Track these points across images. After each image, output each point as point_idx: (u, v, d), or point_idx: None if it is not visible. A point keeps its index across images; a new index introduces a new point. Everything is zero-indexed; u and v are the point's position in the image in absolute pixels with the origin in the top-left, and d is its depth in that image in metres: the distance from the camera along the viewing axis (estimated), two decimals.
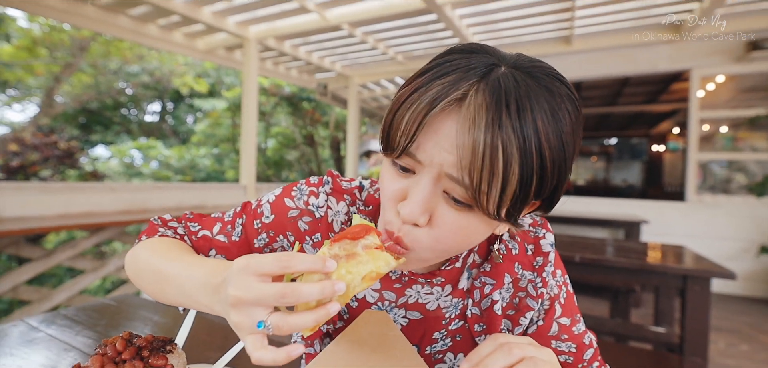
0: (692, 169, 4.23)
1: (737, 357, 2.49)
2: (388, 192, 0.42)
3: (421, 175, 0.39)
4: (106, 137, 8.58)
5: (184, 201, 3.67)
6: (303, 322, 0.33)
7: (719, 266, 1.53)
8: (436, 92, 0.36)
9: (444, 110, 0.36)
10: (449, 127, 0.36)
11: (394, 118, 0.39)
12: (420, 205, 0.38)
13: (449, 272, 0.51)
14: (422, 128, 0.37)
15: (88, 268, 2.93)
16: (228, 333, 0.77)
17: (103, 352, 0.37)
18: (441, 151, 0.37)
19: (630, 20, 3.81)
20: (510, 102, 0.35)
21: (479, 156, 0.35)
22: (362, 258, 0.36)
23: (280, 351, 0.33)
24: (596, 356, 0.56)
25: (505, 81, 0.36)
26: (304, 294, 0.33)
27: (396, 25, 4.09)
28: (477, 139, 0.35)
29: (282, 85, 8.71)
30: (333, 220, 0.53)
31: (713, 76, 4.19)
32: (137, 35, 3.86)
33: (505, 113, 0.35)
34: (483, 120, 0.35)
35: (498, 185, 0.35)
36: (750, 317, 3.26)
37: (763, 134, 4.23)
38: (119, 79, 8.23)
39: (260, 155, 8.95)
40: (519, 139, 0.35)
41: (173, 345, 0.41)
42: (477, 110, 0.35)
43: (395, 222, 0.41)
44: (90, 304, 0.88)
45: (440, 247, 0.41)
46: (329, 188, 0.54)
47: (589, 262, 1.71)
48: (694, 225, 4.14)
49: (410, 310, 0.53)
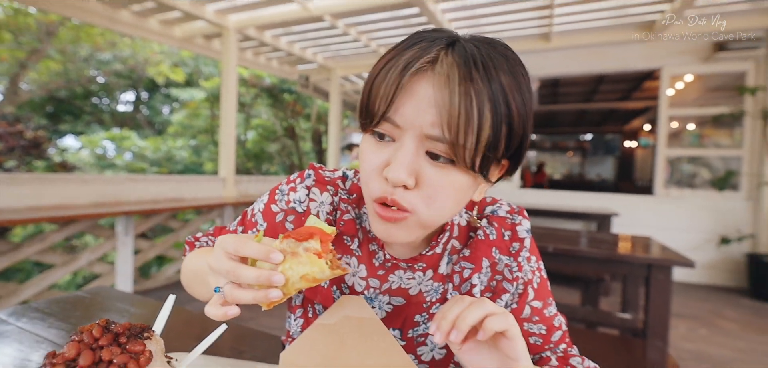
0: (661, 164, 4.42)
1: (696, 340, 2.64)
2: (371, 164, 0.44)
3: (402, 139, 0.42)
4: (76, 126, 8.24)
5: (161, 193, 3.59)
6: (243, 297, 0.38)
7: (680, 256, 1.62)
8: (408, 56, 0.40)
9: (418, 72, 0.40)
10: (425, 88, 0.40)
11: (371, 88, 0.42)
12: (405, 166, 0.41)
13: (430, 257, 0.54)
14: (400, 92, 0.40)
15: (57, 262, 2.84)
16: (205, 323, 0.78)
17: (79, 339, 0.38)
18: (419, 112, 0.40)
19: (606, 19, 3.92)
20: (477, 62, 0.39)
21: (455, 108, 0.38)
22: (302, 259, 0.39)
23: (219, 310, 0.39)
24: (564, 338, 0.59)
25: (470, 47, 0.41)
26: (242, 275, 0.38)
27: (378, 18, 4.08)
28: (452, 91, 0.38)
29: (262, 76, 8.56)
30: (318, 211, 0.55)
31: (682, 75, 4.37)
32: (109, 21, 3.71)
33: (474, 70, 0.39)
34: (456, 76, 0.39)
35: (473, 135, 0.39)
36: (710, 303, 3.46)
37: (727, 131, 4.45)
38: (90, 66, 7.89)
39: (240, 147, 8.79)
40: (489, 91, 0.39)
41: (151, 332, 0.42)
42: (449, 68, 0.39)
43: (385, 188, 0.43)
44: (62, 297, 0.86)
45: (433, 207, 0.43)
46: (312, 180, 0.56)
47: (562, 252, 1.77)
48: (661, 218, 4.33)
49: (394, 296, 0.55)
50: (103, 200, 3.12)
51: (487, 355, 0.43)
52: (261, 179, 4.92)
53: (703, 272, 4.12)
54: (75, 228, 2.88)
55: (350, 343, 0.50)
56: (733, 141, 4.35)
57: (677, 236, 4.21)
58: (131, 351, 0.38)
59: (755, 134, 3.98)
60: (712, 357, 2.39)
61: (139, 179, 3.49)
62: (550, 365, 0.57)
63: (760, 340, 2.68)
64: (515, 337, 0.40)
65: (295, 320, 0.59)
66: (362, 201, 0.56)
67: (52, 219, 2.50)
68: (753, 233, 3.93)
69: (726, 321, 3.02)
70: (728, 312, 3.24)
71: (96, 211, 2.68)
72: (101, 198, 3.11)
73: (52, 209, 2.64)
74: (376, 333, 0.51)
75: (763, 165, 3.86)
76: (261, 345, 0.70)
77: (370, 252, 0.55)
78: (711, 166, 4.60)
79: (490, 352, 0.43)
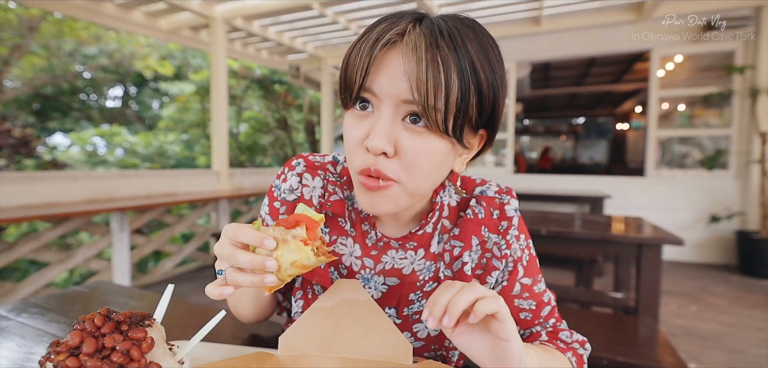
0: (652, 145, 4.47)
1: (687, 317, 2.71)
2: (353, 138, 0.46)
3: (380, 110, 0.44)
4: (65, 124, 8.10)
5: (154, 189, 3.57)
6: (242, 280, 0.40)
7: (670, 235, 1.65)
8: (378, 31, 0.43)
9: (388, 44, 0.43)
10: (396, 60, 0.43)
11: (347, 64, 0.45)
12: (383, 134, 0.43)
13: (421, 236, 0.56)
14: (373, 64, 0.43)
15: (53, 260, 2.82)
16: (205, 313, 0.79)
17: (81, 328, 0.39)
18: (393, 82, 0.43)
19: (595, 1, 3.92)
20: (443, 33, 0.42)
21: (423, 73, 0.41)
22: (291, 246, 0.40)
23: (215, 290, 0.41)
24: (553, 313, 0.61)
25: (437, 21, 0.44)
26: (239, 260, 0.40)
27: (367, 5, 4.05)
28: (420, 59, 0.41)
29: (252, 67, 8.46)
30: (311, 196, 0.57)
31: (672, 56, 4.40)
32: (91, 14, 3.64)
33: (440, 39, 0.42)
34: (423, 44, 0.41)
35: (442, 98, 0.41)
36: (700, 281, 3.54)
37: (716, 110, 4.50)
38: (75, 61, 7.74)
39: (232, 140, 8.72)
40: (454, 56, 0.41)
41: (152, 320, 0.43)
42: (417, 38, 0.42)
43: (368, 159, 0.45)
44: (61, 292, 0.87)
45: (414, 174, 0.45)
46: (302, 167, 0.58)
47: (555, 235, 1.80)
48: (652, 198, 4.40)
49: (388, 276, 0.57)
50: (96, 197, 3.09)
51: (479, 336, 0.44)
52: (255, 171, 4.90)
53: (694, 250, 4.21)
54: (69, 226, 2.86)
55: (346, 325, 0.52)
56: (722, 121, 4.40)
57: (668, 216, 4.28)
58: (133, 338, 0.39)
59: (743, 112, 4.03)
60: (701, 332, 2.46)
61: (131, 175, 3.46)
62: (541, 340, 0.59)
63: (748, 315, 2.75)
64: (505, 318, 0.42)
65: (296, 301, 0.61)
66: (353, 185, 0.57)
67: (45, 217, 2.48)
68: (742, 210, 4.00)
69: (715, 297, 3.10)
70: (718, 289, 3.32)
71: (89, 208, 2.66)
72: (94, 195, 3.09)
73: (45, 208, 2.62)
74: (371, 314, 0.52)
75: (751, 144, 3.93)
76: (261, 330, 0.71)
77: (363, 232, 0.57)
78: (701, 146, 4.66)
79: (481, 333, 0.44)
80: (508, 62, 4.93)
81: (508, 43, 4.86)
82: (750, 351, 2.22)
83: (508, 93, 5.14)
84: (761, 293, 3.21)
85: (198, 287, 3.44)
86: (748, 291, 3.27)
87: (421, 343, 0.58)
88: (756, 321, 2.64)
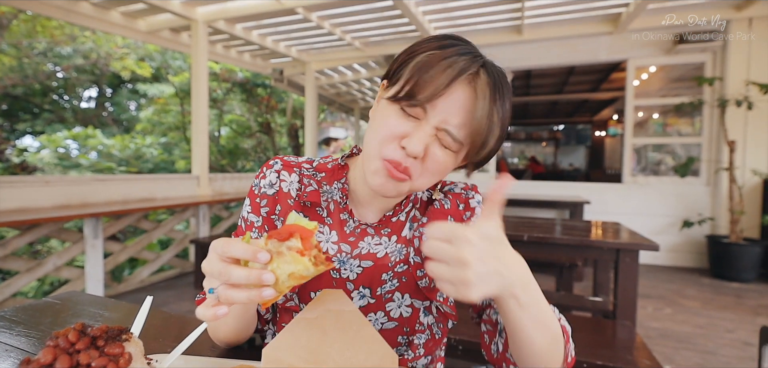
0: (628, 153, 4.62)
1: (662, 319, 2.79)
2: (391, 130, 0.51)
3: (426, 122, 0.50)
4: (35, 125, 7.78)
5: (131, 194, 3.46)
6: (238, 296, 0.40)
7: (646, 240, 1.70)
8: (462, 65, 0.48)
9: (465, 79, 0.49)
10: (462, 96, 0.49)
11: (421, 74, 0.49)
12: (423, 144, 0.50)
13: (395, 223, 0.62)
14: (447, 90, 0.48)
15: (21, 269, 2.70)
16: (184, 324, 0.76)
17: (55, 344, 0.37)
18: (448, 111, 0.49)
19: (574, 12, 4.04)
20: (498, 86, 0.50)
21: (484, 119, 0.48)
22: (287, 258, 0.40)
23: (208, 312, 0.40)
24: None
25: (493, 69, 0.51)
26: (233, 275, 0.39)
27: (352, 11, 4.05)
28: (486, 113, 0.48)
29: (235, 70, 8.34)
30: (288, 190, 0.62)
31: (647, 67, 4.56)
32: (66, 13, 3.52)
33: (498, 94, 0.50)
34: (489, 96, 0.49)
35: (482, 144, 0.50)
36: (674, 284, 3.66)
37: (688, 119, 4.69)
38: (48, 61, 7.46)
39: (213, 143, 8.56)
40: (501, 115, 0.51)
41: (129, 334, 0.41)
42: (485, 86, 0.49)
43: (399, 154, 0.51)
44: (30, 303, 0.83)
45: (424, 178, 0.53)
46: (279, 166, 0.63)
47: (536, 240, 1.83)
48: (629, 204, 4.53)
49: (363, 259, 0.60)
50: (68, 202, 2.98)
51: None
52: (236, 176, 4.81)
53: (668, 254, 4.35)
54: (39, 232, 2.74)
55: (332, 335, 0.51)
56: (693, 129, 4.58)
57: (644, 221, 4.42)
58: (110, 353, 0.37)
59: (713, 122, 4.21)
60: (676, 334, 2.54)
61: (106, 179, 3.35)
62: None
63: (719, 316, 2.86)
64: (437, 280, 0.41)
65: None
66: (332, 179, 0.62)
67: (12, 224, 2.37)
68: (712, 216, 4.17)
69: (688, 300, 3.21)
70: (690, 291, 3.44)
71: (61, 214, 2.56)
72: (66, 200, 2.97)
73: (13, 213, 2.51)
74: (357, 325, 0.51)
75: (721, 152, 4.10)
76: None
77: (341, 221, 0.61)
78: (674, 153, 4.84)
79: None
80: None
81: (491, 50, 4.91)
82: (722, 352, 2.31)
83: None
84: (731, 295, 3.34)
85: (176, 295, 3.34)
86: (718, 293, 3.40)
87: (393, 324, 0.60)
88: (727, 322, 2.74)
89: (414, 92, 0.49)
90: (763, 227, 3.89)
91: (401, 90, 0.50)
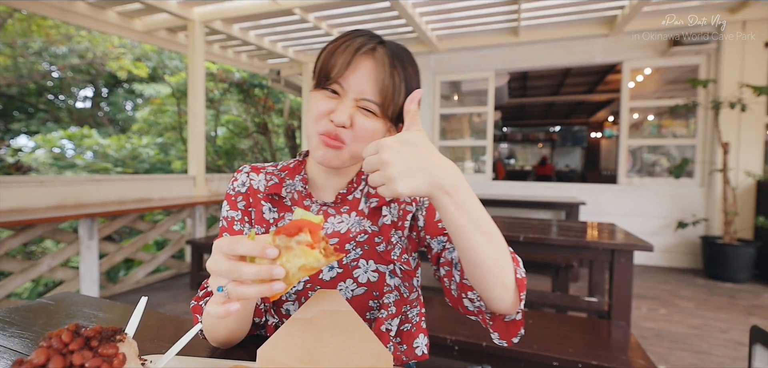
0: (623, 154, 4.64)
1: (657, 319, 2.81)
2: (321, 109, 0.61)
3: (346, 97, 0.61)
4: (30, 125, 7.72)
5: (127, 194, 3.44)
6: (247, 292, 0.42)
7: (640, 241, 1.71)
8: (359, 43, 0.60)
9: (364, 54, 0.60)
10: (366, 68, 0.60)
11: (331, 58, 0.61)
12: (346, 114, 0.59)
13: (351, 201, 0.70)
14: (351, 65, 0.60)
15: (15, 270, 2.68)
16: (179, 325, 0.76)
17: (48, 345, 0.37)
18: (358, 83, 0.60)
19: (570, 14, 4.06)
20: (396, 55, 0.62)
21: (387, 79, 0.60)
22: (296, 252, 0.41)
23: (220, 309, 0.43)
24: None
25: (391, 44, 0.63)
26: (244, 273, 0.41)
27: (349, 11, 4.06)
28: (387, 74, 0.60)
29: (231, 70, 8.32)
30: (257, 187, 0.70)
31: (642, 69, 4.59)
32: (62, 12, 3.51)
33: (396, 60, 0.62)
34: (387, 63, 0.60)
35: (393, 100, 0.61)
36: (668, 284, 3.68)
37: (682, 121, 4.72)
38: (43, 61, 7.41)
39: (210, 144, 8.52)
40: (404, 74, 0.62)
41: (124, 335, 0.41)
42: (383, 56, 0.61)
43: (330, 126, 0.60)
44: (24, 304, 0.82)
45: (356, 144, 0.62)
46: (248, 169, 0.73)
47: (532, 241, 1.84)
48: (624, 205, 4.56)
49: (331, 237, 0.67)
50: (63, 203, 2.96)
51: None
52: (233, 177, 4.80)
53: (663, 255, 4.38)
54: (33, 233, 2.73)
55: (327, 336, 0.51)
56: (688, 131, 4.62)
57: (639, 222, 4.44)
58: (104, 354, 0.37)
59: (707, 123, 4.24)
60: (670, 335, 2.56)
61: (102, 180, 3.33)
62: None
63: (713, 316, 2.88)
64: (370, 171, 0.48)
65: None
66: (293, 174, 0.72)
67: (6, 224, 2.35)
68: (706, 217, 4.20)
69: (683, 300, 3.23)
70: (685, 292, 3.46)
71: (56, 214, 2.54)
72: (61, 200, 2.95)
73: (7, 214, 2.49)
74: (352, 325, 0.52)
75: (715, 153, 4.13)
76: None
77: (305, 207, 0.69)
78: (669, 155, 4.87)
79: None
80: (488, 71, 5.03)
81: (487, 52, 4.96)
82: (716, 352, 2.33)
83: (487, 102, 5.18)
84: (725, 295, 3.37)
85: (172, 296, 3.33)
86: (712, 293, 3.42)
87: (363, 289, 0.65)
88: (721, 322, 2.76)
89: (327, 73, 0.60)
90: (756, 228, 3.92)
91: (318, 77, 0.62)
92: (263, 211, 0.68)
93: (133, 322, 0.46)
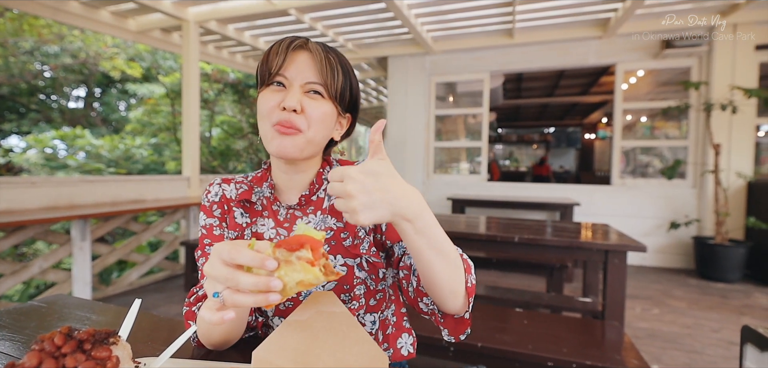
0: (617, 155, 4.68)
1: (650, 319, 2.83)
2: (271, 103, 0.64)
3: (292, 87, 0.64)
4: (22, 125, 7.63)
5: (120, 195, 3.42)
6: (243, 301, 0.42)
7: (634, 241, 1.73)
8: (289, 40, 0.65)
9: (297, 48, 0.65)
10: (304, 57, 0.65)
11: (268, 58, 0.65)
12: (296, 99, 0.63)
13: (316, 201, 0.72)
14: (288, 58, 0.64)
15: (6, 272, 2.65)
16: (173, 327, 0.76)
17: (40, 347, 0.36)
18: (300, 71, 0.64)
19: (564, 16, 4.09)
20: (326, 46, 0.67)
21: (324, 65, 0.64)
22: (296, 267, 0.41)
23: (215, 316, 0.43)
24: None
25: (321, 43, 0.68)
26: (241, 282, 0.41)
27: (345, 13, 4.06)
28: (321, 58, 0.65)
29: (226, 71, 8.28)
30: (230, 196, 0.73)
31: (635, 71, 4.64)
32: (54, 11, 3.47)
33: (329, 51, 0.67)
34: (321, 50, 0.65)
35: (334, 80, 0.65)
36: (661, 284, 3.72)
37: (675, 123, 4.77)
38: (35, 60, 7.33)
39: (204, 145, 8.47)
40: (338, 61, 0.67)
41: (117, 337, 0.41)
42: (315, 47, 0.66)
43: (282, 115, 0.63)
44: (15, 307, 0.81)
45: (312, 127, 0.65)
46: (219, 180, 0.76)
47: (526, 242, 1.85)
48: (617, 206, 4.59)
49: None
50: (55, 204, 2.93)
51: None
52: None
53: (656, 255, 4.42)
54: (24, 234, 2.69)
55: (323, 337, 0.51)
56: (680, 132, 4.67)
57: (632, 223, 4.48)
58: (97, 357, 0.37)
59: (699, 125, 4.29)
60: (663, 334, 2.58)
61: (95, 181, 3.30)
62: None
63: (705, 316, 2.91)
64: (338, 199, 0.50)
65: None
66: (261, 181, 0.74)
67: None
68: (698, 217, 4.24)
69: (675, 300, 3.26)
70: (677, 292, 3.50)
71: (47, 215, 2.51)
72: (53, 202, 2.92)
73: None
74: (347, 326, 0.52)
75: (706, 155, 4.18)
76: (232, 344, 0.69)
77: (274, 211, 0.72)
78: (661, 156, 4.92)
79: None
80: (483, 72, 5.06)
81: (482, 54, 4.99)
82: (708, 351, 2.35)
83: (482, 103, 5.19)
84: (716, 295, 3.40)
85: (166, 298, 3.30)
86: (705, 293, 3.46)
87: (333, 283, 0.67)
88: (713, 322, 2.79)
89: (269, 71, 0.65)
90: (747, 229, 3.97)
91: (262, 78, 0.67)
92: (235, 216, 0.71)
93: (126, 324, 0.46)
